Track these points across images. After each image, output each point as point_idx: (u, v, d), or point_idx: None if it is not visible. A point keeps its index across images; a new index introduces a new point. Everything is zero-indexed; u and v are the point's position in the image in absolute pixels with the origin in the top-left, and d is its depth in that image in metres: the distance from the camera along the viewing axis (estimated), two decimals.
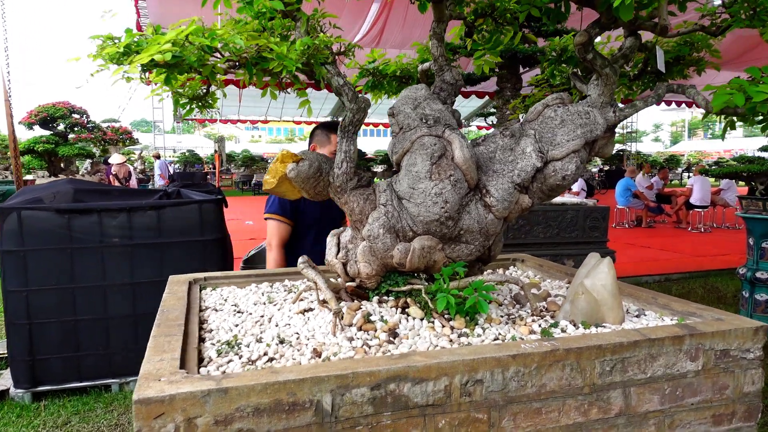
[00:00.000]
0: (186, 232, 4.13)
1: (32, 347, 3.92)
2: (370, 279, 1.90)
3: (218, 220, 4.29)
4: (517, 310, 1.95)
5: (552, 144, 1.90)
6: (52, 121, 11.83)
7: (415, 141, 1.85)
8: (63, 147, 11.50)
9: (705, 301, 6.61)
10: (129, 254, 4.03)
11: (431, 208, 1.80)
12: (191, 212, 4.15)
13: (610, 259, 1.82)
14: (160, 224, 4.08)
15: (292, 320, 1.82)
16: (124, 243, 4.01)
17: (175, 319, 1.70)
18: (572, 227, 5.32)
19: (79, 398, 3.99)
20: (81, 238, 3.94)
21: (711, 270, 8.18)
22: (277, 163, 1.85)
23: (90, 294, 4.00)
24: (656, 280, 7.64)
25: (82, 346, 4.02)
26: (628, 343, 1.51)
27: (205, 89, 1.98)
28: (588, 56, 1.85)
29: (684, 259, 9.05)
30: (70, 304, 3.96)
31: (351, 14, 13.68)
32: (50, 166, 11.81)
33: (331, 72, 1.82)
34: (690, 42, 2.15)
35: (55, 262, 3.90)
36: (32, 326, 3.92)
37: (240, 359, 1.49)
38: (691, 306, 1.89)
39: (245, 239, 9.86)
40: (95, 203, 4.01)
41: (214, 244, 4.24)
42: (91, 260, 3.97)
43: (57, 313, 3.94)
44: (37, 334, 3.92)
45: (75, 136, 12.14)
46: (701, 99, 1.87)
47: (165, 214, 4.10)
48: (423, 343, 1.59)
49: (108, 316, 4.04)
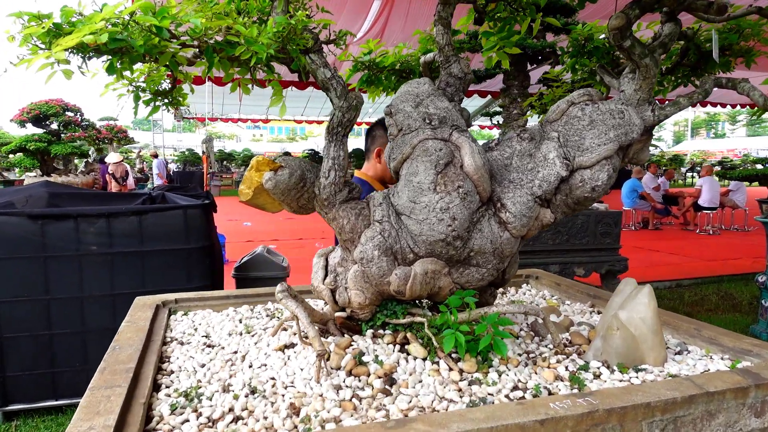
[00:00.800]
0: (170, 239, 3.83)
1: (3, 363, 3.64)
2: (363, 309, 1.60)
3: (205, 226, 3.99)
4: (537, 345, 1.65)
5: (579, 149, 1.60)
6: (45, 119, 11.54)
7: (416, 146, 1.55)
8: (56, 146, 11.21)
9: (720, 309, 6.30)
10: (108, 263, 3.74)
11: (436, 226, 1.50)
12: (175, 218, 3.85)
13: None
14: (141, 231, 3.78)
15: (269, 359, 1.52)
16: (103, 251, 3.71)
17: (126, 360, 1.40)
18: (583, 233, 5.02)
19: (54, 418, 3.71)
20: (56, 245, 3.65)
21: (723, 275, 7.87)
22: (252, 171, 1.55)
23: (66, 306, 3.70)
24: (667, 286, 7.33)
25: (57, 361, 3.72)
26: (683, 398, 1.21)
27: (170, 83, 1.69)
28: (625, 43, 1.55)
29: (694, 264, 8.73)
30: (44, 317, 3.66)
31: (352, 11, 13.37)
32: (43, 165, 11.53)
33: (316, 62, 1.51)
34: (738, 29, 1.85)
35: (28, 271, 3.61)
36: (3, 341, 3.63)
37: (198, 419, 1.19)
38: (744, 341, 1.59)
39: (243, 241, 9.57)
40: (71, 208, 3.71)
41: (200, 252, 3.94)
42: (67, 269, 3.67)
43: (30, 327, 3.65)
44: (8, 349, 3.63)
45: (68, 134, 11.85)
46: (758, 95, 1.57)
47: (147, 220, 3.80)
48: (426, 395, 1.29)
49: (86, 329, 3.74)
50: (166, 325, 1.83)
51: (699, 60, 1.97)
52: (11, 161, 11.90)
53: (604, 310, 1.64)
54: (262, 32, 1.20)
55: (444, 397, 1.29)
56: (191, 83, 1.63)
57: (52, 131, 11.54)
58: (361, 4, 11.97)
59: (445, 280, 1.59)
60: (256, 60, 1.22)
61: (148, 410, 1.24)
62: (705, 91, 1.66)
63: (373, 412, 1.22)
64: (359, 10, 12.09)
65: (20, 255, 3.60)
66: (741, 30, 1.83)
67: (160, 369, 1.49)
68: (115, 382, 1.25)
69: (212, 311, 2.03)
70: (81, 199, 3.94)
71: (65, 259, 3.69)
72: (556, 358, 1.53)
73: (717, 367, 1.48)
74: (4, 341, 3.64)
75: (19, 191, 3.94)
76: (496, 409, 1.13)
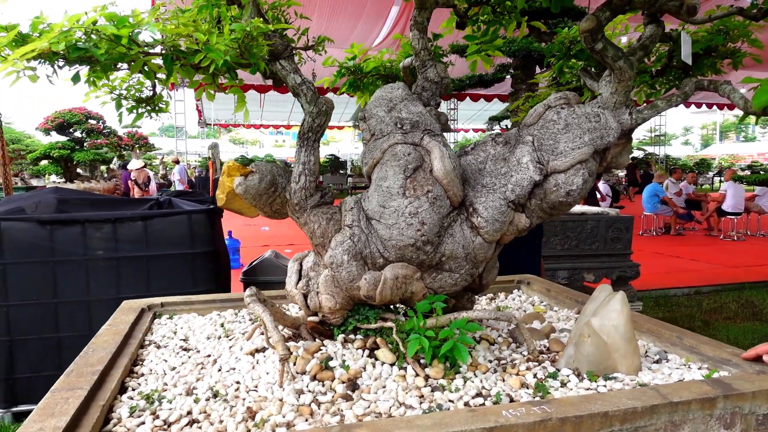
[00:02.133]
0: (174, 244, 3.89)
1: (12, 365, 3.73)
2: (333, 314, 1.59)
3: (209, 231, 4.03)
4: (511, 352, 1.62)
5: (554, 153, 1.58)
6: (69, 127, 11.85)
7: (386, 150, 1.55)
8: (79, 153, 11.51)
9: (739, 317, 6.13)
10: (114, 267, 3.81)
11: (405, 231, 1.49)
12: (180, 223, 3.91)
13: (623, 295, 1.49)
14: (147, 236, 3.85)
15: (239, 363, 1.53)
16: (109, 256, 3.79)
17: (96, 363, 1.42)
18: (593, 238, 4.94)
19: None
20: (64, 250, 3.74)
21: (746, 282, 7.65)
22: (225, 176, 1.56)
23: (73, 309, 3.78)
24: (685, 293, 7.15)
25: (64, 363, 3.76)
26: (644, 408, 1.18)
27: (151, 90, 1.72)
28: (597, 46, 1.52)
29: (716, 270, 8.52)
30: (52, 320, 3.75)
31: (370, 18, 13.45)
32: (66, 171, 11.83)
33: (286, 68, 1.53)
34: (725, 30, 1.80)
35: (37, 275, 3.70)
36: (13, 343, 3.72)
37: (153, 421, 1.21)
38: (724, 350, 1.54)
39: (259, 246, 9.66)
40: (79, 214, 3.80)
41: (205, 257, 3.99)
42: (74, 274, 3.75)
43: (38, 330, 3.74)
44: (17, 351, 3.72)
45: (91, 141, 12.14)
46: (738, 97, 1.53)
47: (152, 225, 3.86)
48: (385, 401, 1.28)
49: (92, 332, 3.74)
50: (147, 328, 1.85)
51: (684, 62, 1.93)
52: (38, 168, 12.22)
53: (579, 317, 1.61)
54: (219, 39, 1.21)
55: (404, 403, 1.28)
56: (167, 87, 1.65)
57: (75, 139, 11.86)
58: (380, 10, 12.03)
59: (417, 285, 1.58)
60: (215, 66, 1.23)
61: (109, 412, 1.26)
62: (685, 94, 1.62)
63: (328, 417, 1.21)
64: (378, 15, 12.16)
65: (30, 259, 3.70)
66: (727, 31, 1.79)
67: (132, 372, 1.51)
68: (78, 385, 1.28)
69: (197, 315, 2.06)
70: (88, 204, 4.02)
71: (73, 264, 3.77)
72: (526, 365, 1.51)
73: (692, 376, 1.44)
74: (13, 343, 3.73)
75: (28, 197, 4.05)
76: (446, 416, 1.12)
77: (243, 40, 1.23)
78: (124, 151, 13.22)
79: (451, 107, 22.52)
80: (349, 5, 13.37)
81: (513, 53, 6.33)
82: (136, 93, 1.69)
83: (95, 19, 1.22)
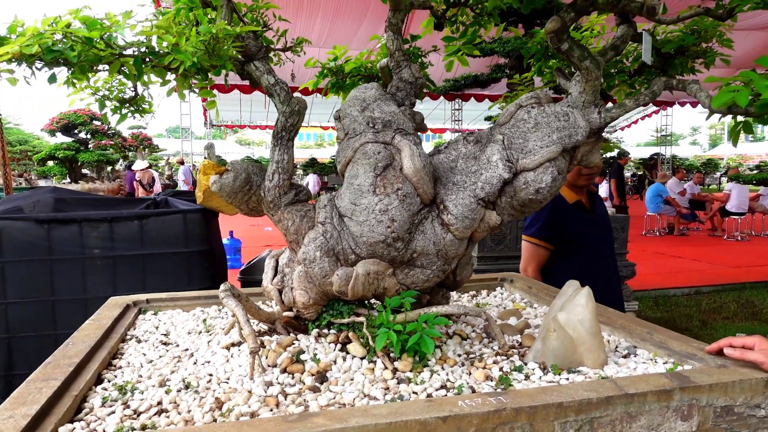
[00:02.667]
0: (170, 243, 3.94)
1: (11, 362, 3.79)
2: (307, 309, 1.63)
3: (205, 231, 4.09)
4: (481, 347, 1.65)
5: (523, 152, 1.61)
6: (74, 128, 11.95)
7: (358, 149, 1.59)
8: (83, 153, 11.61)
9: (738, 317, 6.12)
10: (111, 266, 3.87)
11: (375, 228, 1.53)
12: (175, 222, 3.96)
13: (589, 290, 1.52)
14: (142, 235, 3.90)
15: (214, 356, 1.57)
16: (106, 254, 3.85)
17: (74, 355, 1.47)
18: None
19: None
20: (61, 249, 3.80)
21: (747, 282, 7.64)
22: (200, 174, 1.61)
23: (70, 307, 3.84)
24: (685, 293, 7.15)
25: None
26: (599, 399, 1.21)
27: (133, 90, 1.76)
28: (563, 46, 1.55)
29: (718, 270, 8.50)
30: (50, 318, 3.81)
31: (374, 19, 13.48)
32: (71, 172, 11.93)
33: (260, 69, 1.57)
34: (697, 30, 1.83)
35: (35, 274, 3.77)
36: (11, 340, 3.79)
37: (123, 410, 1.25)
38: (691, 345, 1.57)
39: (261, 246, 9.72)
40: (75, 213, 3.86)
41: (200, 256, 4.04)
42: (71, 272, 3.81)
43: (36, 327, 3.80)
44: (16, 348, 3.79)
45: (95, 142, 12.25)
46: (704, 96, 1.56)
47: (147, 224, 3.92)
48: (351, 393, 1.32)
49: None
50: (131, 323, 1.90)
51: (662, 62, 1.95)
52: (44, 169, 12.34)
53: (547, 312, 1.64)
54: (186, 41, 1.25)
55: (368, 395, 1.31)
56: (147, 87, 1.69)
57: (80, 140, 11.96)
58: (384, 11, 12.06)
59: (390, 281, 1.62)
60: (185, 68, 1.28)
61: (83, 402, 1.30)
62: (653, 93, 1.65)
63: (293, 407, 1.25)
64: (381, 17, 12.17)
65: (28, 258, 3.76)
66: (700, 31, 1.82)
67: (110, 364, 1.56)
68: (53, 376, 1.32)
69: (182, 311, 2.10)
70: (85, 204, 4.08)
71: (70, 262, 3.83)
72: (494, 359, 1.54)
73: (657, 370, 1.46)
74: (12, 341, 3.80)
75: (27, 197, 4.12)
76: (402, 405, 1.15)
77: (210, 42, 1.27)
78: (129, 152, 13.34)
79: (456, 107, 22.54)
80: (353, 6, 13.43)
81: (507, 54, 6.36)
82: (119, 94, 1.74)
83: (69, 22, 1.26)
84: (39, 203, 3.91)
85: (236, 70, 1.57)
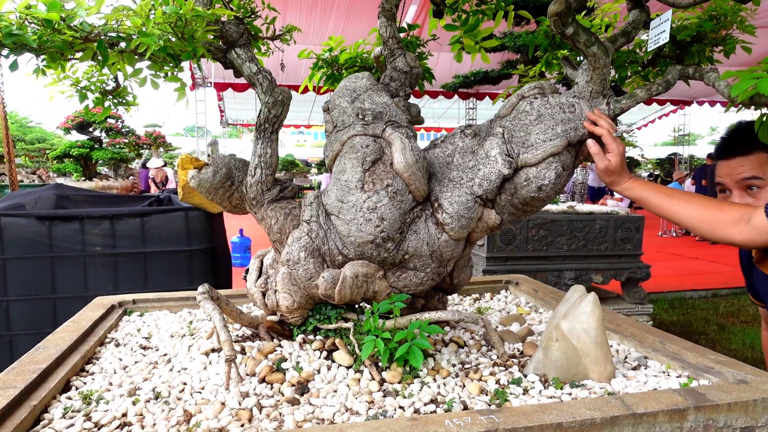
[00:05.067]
0: (171, 241, 3.88)
1: (12, 359, 3.75)
2: (291, 313, 1.53)
3: (207, 228, 4.01)
4: (479, 356, 1.54)
5: (524, 146, 1.49)
6: (88, 126, 12.02)
7: (345, 142, 1.48)
8: (97, 151, 11.66)
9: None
10: (112, 264, 3.81)
11: (364, 227, 1.42)
12: (177, 220, 3.89)
13: (595, 296, 1.39)
14: (144, 232, 3.84)
15: (192, 363, 1.47)
16: (107, 252, 3.79)
17: (42, 360, 1.38)
18: (601, 239, 4.79)
19: None
20: (62, 246, 3.75)
21: None
22: (179, 169, 1.51)
23: (71, 305, 3.78)
24: (702, 295, 6.93)
25: None
26: (603, 419, 1.09)
27: (114, 81, 1.67)
28: (567, 31, 1.43)
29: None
30: (50, 315, 3.77)
31: None
32: (85, 170, 12.00)
33: (242, 57, 1.47)
34: (716, 15, 1.69)
35: (36, 271, 3.73)
36: (12, 337, 3.75)
37: (84, 422, 1.15)
38: (708, 357, 1.44)
39: None
40: (77, 210, 3.81)
41: (202, 254, 3.97)
42: (72, 270, 3.76)
43: (37, 324, 3.76)
44: (17, 345, 3.75)
45: (110, 140, 12.31)
46: (723, 85, 1.42)
47: (149, 222, 3.86)
48: (331, 406, 1.21)
49: None
50: (113, 325, 1.81)
51: (678, 50, 1.82)
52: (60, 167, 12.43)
53: (550, 320, 1.52)
54: (149, 23, 1.15)
55: (350, 409, 1.21)
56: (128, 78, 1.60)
57: (94, 138, 12.02)
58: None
59: (380, 284, 1.51)
60: (152, 52, 1.18)
61: (44, 412, 1.21)
62: (667, 82, 1.51)
63: (267, 422, 1.15)
64: None
65: (29, 255, 3.72)
66: (718, 16, 1.68)
67: (83, 370, 1.47)
68: (13, 383, 1.23)
69: (168, 312, 2.01)
70: (87, 201, 4.03)
71: (71, 260, 3.78)
72: (491, 370, 1.42)
73: (669, 384, 1.34)
74: (14, 338, 3.76)
75: (28, 194, 4.08)
76: (382, 424, 1.04)
77: (176, 24, 1.17)
78: (143, 150, 13.39)
79: (470, 106, 22.31)
80: (368, 4, 13.30)
81: (518, 49, 6.18)
82: (101, 85, 1.65)
83: (28, 3, 1.17)
84: (40, 200, 3.86)
85: (217, 57, 1.47)
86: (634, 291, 4.89)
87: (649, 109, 22.92)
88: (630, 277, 4.84)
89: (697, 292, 6.92)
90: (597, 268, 4.78)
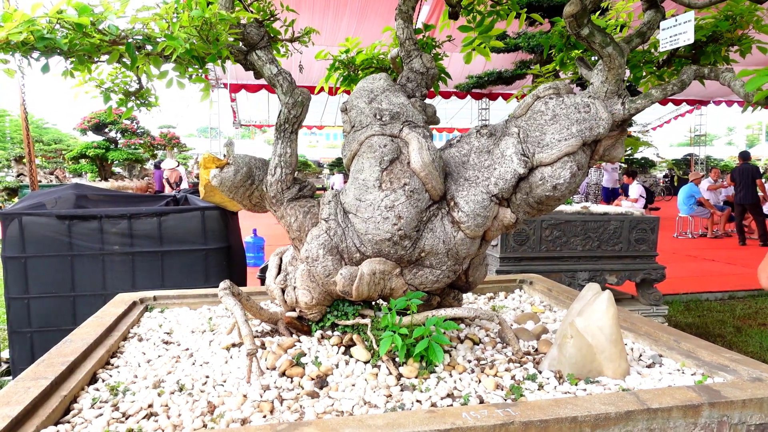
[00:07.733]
0: (188, 240, 3.93)
1: (33, 357, 3.83)
2: (310, 309, 1.56)
3: (223, 228, 4.06)
4: (494, 353, 1.56)
5: (540, 145, 1.51)
6: (104, 127, 12.17)
7: (363, 142, 1.51)
8: (112, 152, 11.81)
9: None
10: (130, 262, 3.88)
11: (381, 225, 1.45)
12: (193, 220, 3.94)
13: (610, 294, 1.41)
14: (161, 232, 3.90)
15: (214, 357, 1.51)
16: (125, 250, 3.86)
17: (70, 353, 1.43)
18: (615, 239, 4.77)
19: None
20: (82, 244, 3.83)
21: None
22: (201, 168, 1.55)
23: (90, 302, 3.87)
24: (718, 297, 6.87)
25: None
26: (617, 414, 1.11)
27: (137, 82, 1.72)
28: (582, 32, 1.45)
29: (753, 275, 8.14)
30: (69, 313, 3.84)
31: None
32: (101, 170, 12.15)
33: (263, 59, 1.50)
34: (732, 15, 1.70)
35: (56, 269, 3.80)
36: (33, 334, 3.83)
37: (112, 412, 1.19)
38: (723, 356, 1.45)
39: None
40: (96, 209, 3.88)
41: (218, 253, 4.02)
42: (91, 268, 3.84)
43: (57, 321, 3.84)
44: (38, 342, 3.83)
45: (125, 141, 12.46)
46: (739, 85, 1.43)
47: (166, 221, 3.92)
48: (350, 399, 1.24)
49: None
50: (135, 320, 1.86)
51: (694, 50, 1.83)
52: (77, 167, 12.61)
53: (564, 317, 1.53)
54: (176, 27, 1.19)
55: (368, 402, 1.24)
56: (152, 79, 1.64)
57: (110, 138, 12.17)
58: None
59: (397, 281, 1.54)
60: (178, 55, 1.22)
61: (74, 402, 1.26)
62: (682, 82, 1.53)
63: (288, 414, 1.18)
64: None
65: (49, 253, 3.80)
66: (734, 16, 1.68)
67: (108, 363, 1.51)
68: (44, 374, 1.28)
69: (189, 308, 2.05)
70: (105, 200, 4.11)
71: (90, 258, 3.85)
72: (507, 366, 1.44)
73: (684, 382, 1.35)
74: (34, 335, 3.84)
75: (49, 193, 4.16)
76: (401, 416, 1.07)
77: (202, 28, 1.21)
78: (158, 150, 13.53)
79: (483, 107, 22.26)
80: (380, 5, 13.34)
81: (532, 49, 6.17)
82: (124, 86, 1.70)
83: (60, 8, 1.21)
84: (60, 199, 3.94)
85: (238, 59, 1.51)
86: (649, 292, 4.87)
87: (664, 110, 22.71)
88: (645, 279, 4.81)
89: (713, 294, 6.86)
90: (611, 269, 4.77)
